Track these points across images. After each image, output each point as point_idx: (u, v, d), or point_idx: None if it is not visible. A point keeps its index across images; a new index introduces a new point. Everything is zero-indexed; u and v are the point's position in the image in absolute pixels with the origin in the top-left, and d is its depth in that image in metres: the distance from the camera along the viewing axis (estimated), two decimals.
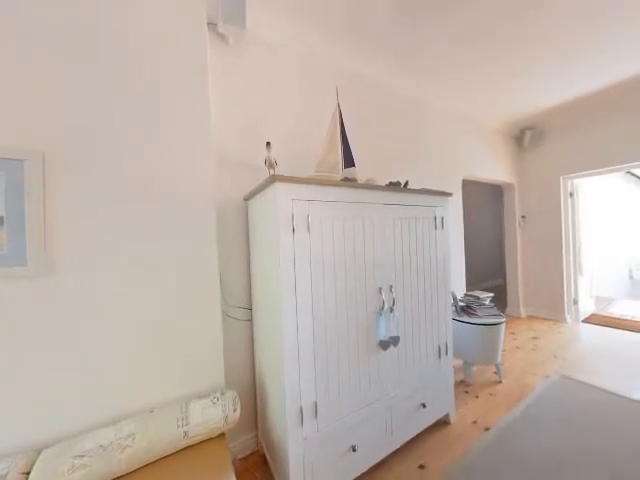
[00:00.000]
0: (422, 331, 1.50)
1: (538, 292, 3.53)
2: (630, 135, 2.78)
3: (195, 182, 1.17)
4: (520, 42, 1.89)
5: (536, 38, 1.86)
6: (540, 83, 2.46)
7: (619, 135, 2.85)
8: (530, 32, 1.80)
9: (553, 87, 2.55)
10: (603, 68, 2.28)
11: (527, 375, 2.16)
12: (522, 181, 3.63)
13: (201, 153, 1.19)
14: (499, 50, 1.96)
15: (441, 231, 1.60)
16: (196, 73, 1.19)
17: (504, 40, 1.86)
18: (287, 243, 1.03)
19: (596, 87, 2.57)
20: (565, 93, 2.67)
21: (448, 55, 1.99)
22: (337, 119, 1.43)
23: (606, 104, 2.82)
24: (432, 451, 1.45)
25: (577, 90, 2.62)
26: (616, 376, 2.08)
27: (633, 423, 1.56)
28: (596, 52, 2.05)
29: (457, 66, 2.13)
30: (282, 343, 1.03)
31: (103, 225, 1.00)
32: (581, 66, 2.22)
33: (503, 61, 2.09)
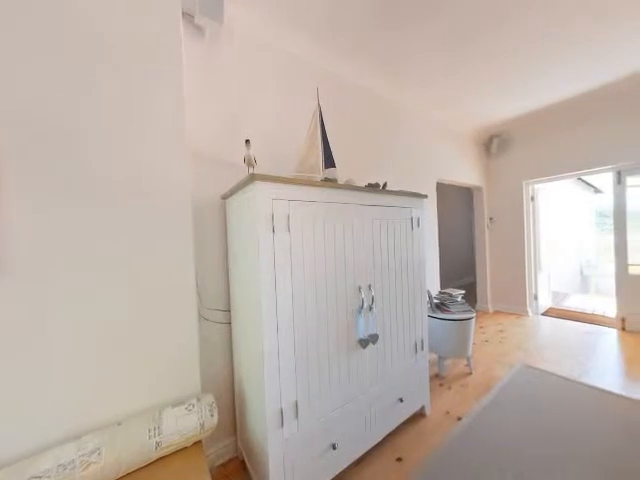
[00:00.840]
0: (400, 328, 1.56)
1: (504, 289, 3.80)
2: (580, 145, 3.08)
3: (169, 179, 1.11)
4: (491, 55, 2.02)
5: (506, 52, 1.99)
6: (507, 94, 2.65)
7: (571, 145, 3.15)
8: (501, 46, 1.93)
9: (518, 98, 2.76)
10: (559, 85, 2.50)
11: (494, 366, 2.31)
12: (490, 185, 3.89)
13: (175, 149, 1.13)
14: (471, 61, 2.08)
15: (417, 231, 1.66)
16: (170, 64, 1.13)
17: (476, 52, 1.98)
18: (267, 243, 1.02)
19: (553, 101, 2.82)
20: (528, 105, 2.90)
21: (424, 62, 2.08)
22: (317, 119, 1.44)
23: (561, 117, 3.11)
24: (409, 443, 1.50)
25: (538, 102, 2.86)
26: (569, 363, 2.30)
27: (583, 404, 1.73)
28: (554, 70, 2.25)
29: (432, 73, 2.23)
30: (262, 344, 1.02)
31: (65, 225, 0.92)
32: (543, 80, 2.43)
33: (475, 71, 2.23)
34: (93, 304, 0.96)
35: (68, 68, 0.93)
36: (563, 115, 3.08)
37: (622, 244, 3.00)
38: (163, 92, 1.11)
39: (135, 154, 1.05)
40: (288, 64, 1.83)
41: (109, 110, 1.00)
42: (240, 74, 1.61)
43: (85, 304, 0.95)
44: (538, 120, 3.24)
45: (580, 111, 2.97)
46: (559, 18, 1.69)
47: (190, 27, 1.42)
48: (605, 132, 2.90)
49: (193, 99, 1.42)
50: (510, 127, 3.47)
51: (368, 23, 1.67)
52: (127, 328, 1.01)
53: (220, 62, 1.54)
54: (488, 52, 1.98)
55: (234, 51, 1.59)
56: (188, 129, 1.32)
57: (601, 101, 2.81)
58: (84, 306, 0.94)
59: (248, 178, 1.03)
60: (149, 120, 1.08)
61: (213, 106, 1.50)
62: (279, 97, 1.77)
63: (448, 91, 2.52)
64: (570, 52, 2.03)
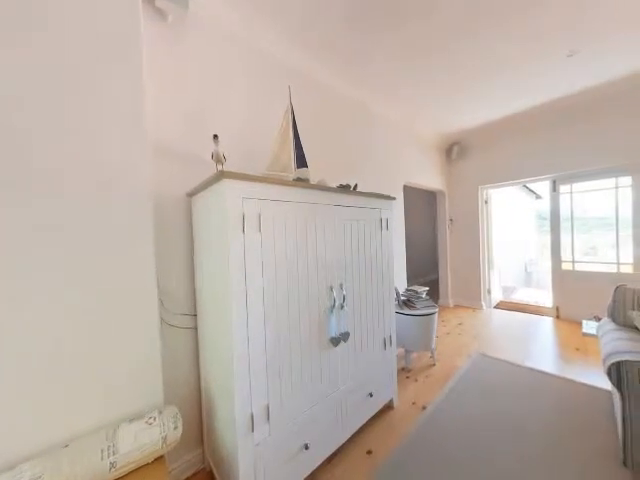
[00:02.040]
0: (369, 325, 1.61)
1: (462, 284, 4.13)
2: (525, 156, 3.47)
3: (125, 173, 1.02)
4: (451, 68, 2.18)
5: (465, 67, 2.17)
6: (465, 105, 2.89)
7: (519, 155, 3.53)
8: (460, 62, 2.09)
9: (475, 110, 3.02)
10: (509, 101, 2.79)
11: (455, 356, 2.50)
12: (450, 189, 4.20)
13: (133, 140, 1.04)
14: (434, 72, 2.23)
15: (386, 232, 1.73)
16: (126, 46, 1.04)
17: (439, 64, 2.12)
18: (237, 243, 0.98)
19: (504, 114, 3.14)
20: (483, 116, 3.19)
21: (391, 69, 2.18)
22: (289, 119, 1.42)
23: (510, 129, 3.47)
24: (378, 436, 1.56)
25: (492, 115, 3.16)
26: (516, 349, 2.58)
27: (526, 385, 1.96)
28: (505, 87, 2.50)
29: (398, 80, 2.34)
30: (231, 348, 0.98)
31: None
32: (496, 95, 2.69)
33: (437, 82, 2.38)
34: (30, 312, 0.84)
35: (5, 48, 0.81)
36: (512, 128, 3.44)
37: (557, 243, 3.44)
38: (118, 76, 1.01)
39: (85, 144, 0.94)
40: (259, 60, 1.78)
41: (53, 95, 0.89)
42: (209, 66, 1.54)
43: (20, 312, 0.83)
44: (492, 131, 3.58)
45: (526, 125, 3.35)
46: (507, 42, 1.89)
47: (150, 9, 1.31)
48: (544, 145, 3.30)
49: (155, 88, 1.32)
50: (468, 136, 3.78)
51: (340, 26, 1.70)
52: (75, 338, 0.91)
53: (186, 50, 1.45)
54: (449, 65, 2.14)
55: (202, 41, 1.51)
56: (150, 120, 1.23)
57: (540, 118, 3.19)
58: (18, 315, 0.82)
59: (216, 175, 0.98)
60: (102, 107, 0.98)
61: (178, 97, 1.41)
62: (250, 93, 1.72)
63: (413, 98, 2.66)
64: (516, 72, 2.28)
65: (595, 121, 2.93)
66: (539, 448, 1.40)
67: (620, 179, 3.01)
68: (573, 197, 3.34)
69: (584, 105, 2.91)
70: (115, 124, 1.00)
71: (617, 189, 3.06)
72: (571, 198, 3.35)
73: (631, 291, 1.68)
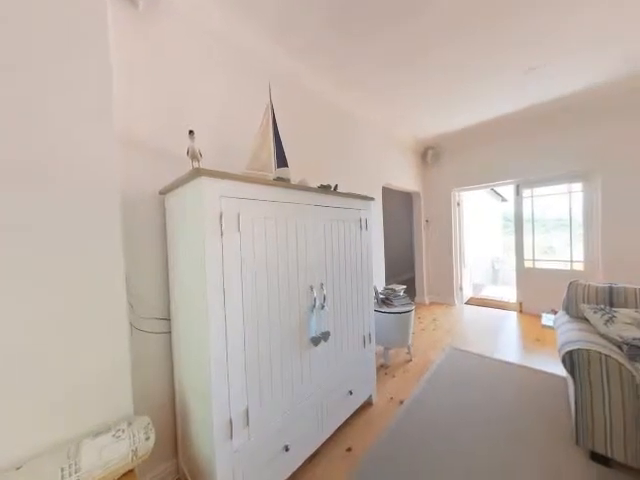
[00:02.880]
0: (349, 324, 1.63)
1: (437, 282, 4.33)
2: (493, 161, 3.71)
3: (91, 169, 0.94)
4: (429, 75, 2.27)
5: (440, 75, 2.27)
6: (440, 112, 3.03)
7: (487, 161, 3.77)
8: (436, 69, 2.18)
9: (449, 117, 3.17)
10: (478, 110, 2.97)
11: (430, 351, 2.62)
12: (426, 191, 4.39)
13: (99, 134, 0.96)
14: (412, 79, 2.31)
15: (365, 232, 1.77)
16: (91, 29, 0.96)
17: (416, 72, 2.20)
18: (214, 244, 0.95)
19: (475, 122, 3.34)
20: (456, 123, 3.37)
21: (371, 74, 2.22)
22: (270, 117, 1.40)
23: (480, 137, 3.69)
24: (358, 433, 1.59)
25: (464, 122, 3.34)
26: (484, 342, 2.76)
27: (494, 375, 2.10)
28: (479, 95, 2.66)
29: (378, 85, 2.40)
30: (208, 352, 0.94)
31: None
32: (467, 105, 2.85)
33: (415, 89, 2.48)
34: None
35: None
36: (482, 135, 3.66)
37: (520, 243, 3.72)
38: (82, 64, 0.94)
39: (46, 137, 0.85)
40: (240, 56, 1.74)
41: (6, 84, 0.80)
42: (186, 59, 1.47)
43: None
44: (463, 137, 3.78)
45: (493, 133, 3.58)
46: (476, 54, 2.01)
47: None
48: (509, 152, 3.56)
49: (125, 78, 1.23)
50: (442, 141, 3.97)
51: (321, 28, 1.70)
52: (32, 347, 0.82)
53: (161, 42, 1.37)
54: (426, 73, 2.23)
55: (178, 32, 1.44)
56: (119, 112, 1.15)
57: (506, 127, 3.43)
58: None
59: (192, 172, 0.94)
60: (65, 98, 0.90)
61: (152, 89, 1.33)
62: (229, 89, 1.67)
63: (392, 102, 2.74)
64: (484, 84, 2.44)
65: (551, 131, 3.21)
66: (505, 433, 1.51)
67: (572, 185, 3.33)
68: (534, 200, 3.64)
69: (542, 116, 3.18)
70: (80, 116, 0.92)
71: (570, 194, 3.38)
72: (532, 201, 3.65)
73: (582, 286, 1.87)
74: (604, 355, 1.26)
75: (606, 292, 1.75)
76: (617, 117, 2.83)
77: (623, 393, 1.20)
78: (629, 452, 1.19)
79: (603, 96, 2.77)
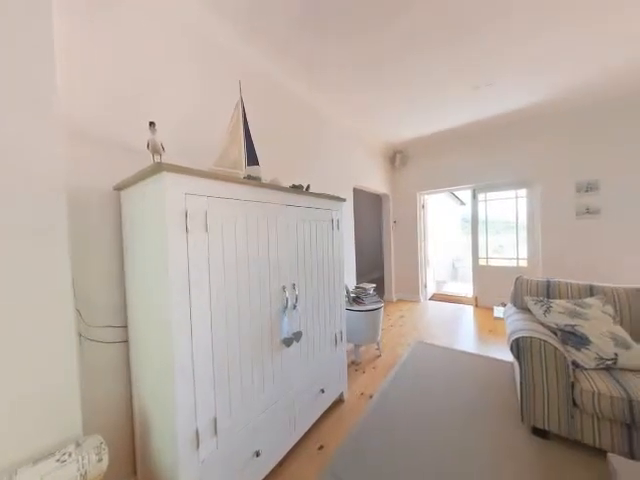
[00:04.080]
0: (321, 323, 1.64)
1: (404, 280, 4.56)
2: (453, 167, 4.02)
3: (32, 162, 0.83)
4: (397, 83, 2.38)
5: (407, 84, 2.39)
6: (407, 119, 3.19)
7: (448, 167, 4.06)
8: (403, 78, 2.30)
9: (414, 124, 3.36)
10: (442, 118, 3.19)
11: (397, 346, 2.75)
12: (394, 193, 4.60)
13: (41, 123, 0.85)
14: (384, 84, 2.40)
15: (337, 232, 1.80)
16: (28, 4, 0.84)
17: (388, 77, 2.29)
18: (178, 244, 0.89)
19: (438, 130, 3.58)
20: (421, 130, 3.58)
21: (343, 76, 2.27)
22: (240, 113, 1.36)
23: (442, 144, 3.97)
24: (329, 430, 1.61)
25: (428, 130, 3.56)
26: (447, 335, 2.97)
27: (455, 365, 2.27)
28: (440, 105, 2.85)
29: (350, 88, 2.45)
30: (172, 359, 0.88)
31: None
32: (431, 114, 3.04)
33: (386, 94, 2.58)
34: None
35: None
36: (444, 142, 3.94)
37: (475, 243, 4.08)
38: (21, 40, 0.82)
39: None
40: (209, 49, 1.65)
41: None
42: (149, 46, 1.36)
43: None
44: (428, 144, 4.04)
45: (453, 142, 3.87)
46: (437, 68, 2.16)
47: None
48: (467, 159, 3.88)
49: (75, 61, 1.10)
50: (409, 146, 4.19)
51: (292, 29, 1.69)
52: None
53: (119, 23, 1.25)
54: (394, 81, 2.34)
55: (141, 15, 1.32)
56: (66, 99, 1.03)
57: (464, 136, 3.74)
58: None
59: (153, 167, 0.88)
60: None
61: (106, 75, 1.21)
62: (196, 82, 1.58)
63: (361, 107, 2.83)
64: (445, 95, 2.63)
65: (501, 142, 3.57)
66: (463, 416, 1.65)
67: (518, 191, 3.74)
68: (487, 204, 4.01)
69: (493, 128, 3.52)
70: (11, 104, 0.80)
71: (516, 199, 3.79)
72: (486, 205, 4.02)
73: (526, 281, 2.11)
74: (542, 341, 1.43)
75: (544, 286, 1.99)
76: (550, 133, 3.25)
77: (557, 372, 1.38)
78: (562, 424, 1.37)
79: (539, 114, 3.16)
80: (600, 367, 1.41)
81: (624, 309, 1.66)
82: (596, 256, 3.05)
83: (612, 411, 1.22)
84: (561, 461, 1.31)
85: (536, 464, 1.30)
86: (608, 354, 1.41)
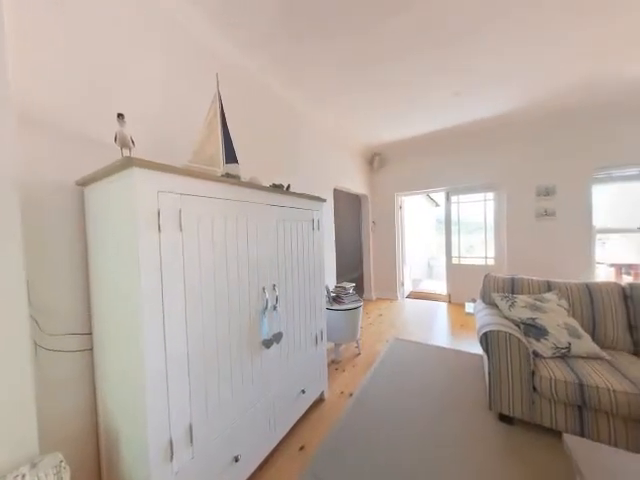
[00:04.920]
0: (302, 323, 1.64)
1: (382, 279, 4.68)
2: (429, 171, 4.20)
3: None
4: (377, 87, 2.43)
5: (386, 87, 2.45)
6: (385, 122, 3.28)
7: (424, 170, 4.24)
8: (382, 82, 2.35)
9: (393, 127, 3.46)
10: (417, 125, 3.32)
11: (376, 343, 2.81)
12: (373, 194, 4.70)
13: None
14: (364, 87, 2.44)
15: (317, 232, 1.80)
16: None
17: (366, 82, 2.33)
18: (150, 244, 0.84)
19: (415, 134, 3.72)
20: (399, 134, 3.69)
21: (323, 78, 2.28)
22: (217, 108, 1.32)
23: (419, 148, 4.13)
24: (310, 430, 1.61)
25: (405, 134, 3.69)
26: (422, 331, 3.10)
27: (430, 359, 2.38)
28: (417, 111, 2.96)
29: (329, 90, 2.47)
30: (143, 366, 0.83)
31: None
32: (408, 119, 3.15)
33: (366, 97, 2.62)
34: None
35: None
36: (420, 146, 4.10)
37: (449, 243, 4.30)
38: None
39: None
40: (185, 41, 1.58)
41: None
42: (117, 32, 1.27)
43: None
44: (405, 147, 4.17)
45: (429, 146, 4.04)
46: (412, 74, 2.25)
47: None
48: (441, 163, 4.07)
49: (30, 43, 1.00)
50: (387, 148, 4.31)
51: (271, 23, 1.67)
52: None
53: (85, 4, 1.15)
54: (374, 86, 2.39)
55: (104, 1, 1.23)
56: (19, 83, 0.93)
57: (439, 140, 3.92)
58: None
59: (123, 162, 0.82)
60: None
61: (70, 60, 1.11)
62: (169, 74, 1.51)
63: (343, 108, 2.86)
64: (422, 101, 2.74)
65: (473, 148, 3.79)
66: (438, 407, 1.73)
67: (487, 194, 3.99)
68: (460, 206, 4.24)
69: (466, 134, 3.73)
70: None
71: (485, 202, 4.05)
72: (458, 207, 4.25)
73: (494, 278, 2.25)
74: (508, 334, 1.54)
75: (509, 282, 2.15)
76: (515, 141, 3.52)
77: (520, 362, 1.50)
78: (524, 410, 1.49)
79: (506, 123, 3.40)
80: (556, 355, 1.55)
81: (576, 302, 1.84)
82: (552, 254, 3.35)
83: (566, 395, 1.35)
84: (525, 444, 1.42)
85: (502, 448, 1.40)
86: (563, 343, 1.55)
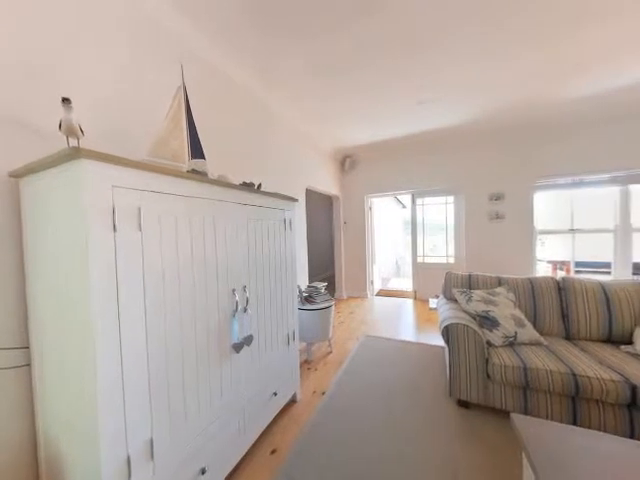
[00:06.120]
0: (273, 325, 1.61)
1: (353, 278, 4.80)
2: (396, 174, 4.40)
3: None
4: (349, 90, 2.48)
5: (356, 92, 2.51)
6: (356, 126, 3.36)
7: (391, 173, 4.44)
8: (352, 87, 2.41)
9: (363, 131, 3.56)
10: (387, 128, 3.46)
11: (348, 341, 2.87)
12: (344, 195, 4.80)
13: None
14: (334, 89, 2.47)
15: (289, 232, 1.79)
16: None
17: (339, 83, 2.37)
18: (103, 245, 0.76)
19: (383, 139, 3.86)
20: (368, 138, 3.80)
21: (295, 78, 2.26)
22: (182, 100, 1.24)
23: (386, 152, 4.31)
24: (282, 432, 1.59)
25: (374, 138, 3.81)
26: (391, 327, 3.24)
27: (398, 353, 2.49)
28: (386, 116, 3.08)
29: (301, 90, 2.46)
30: (94, 380, 0.75)
31: None
32: (377, 124, 3.26)
33: (338, 99, 2.66)
34: None
35: None
36: (388, 150, 4.28)
37: (414, 243, 4.55)
38: None
39: None
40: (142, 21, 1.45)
41: None
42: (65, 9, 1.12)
43: None
44: (375, 150, 4.32)
45: (397, 149, 4.23)
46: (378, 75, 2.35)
47: None
48: (407, 167, 4.30)
49: None
50: (358, 151, 4.43)
51: (242, 19, 1.62)
52: None
53: None
54: (346, 89, 2.44)
55: None
56: None
57: (406, 145, 4.13)
58: None
59: (69, 152, 0.73)
60: None
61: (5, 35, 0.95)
62: (128, 58, 1.38)
63: (314, 110, 2.87)
64: (388, 108, 2.86)
65: (436, 153, 4.07)
66: (404, 398, 1.82)
67: (448, 197, 4.31)
68: (424, 208, 4.52)
69: (429, 141, 3.97)
70: None
71: (447, 204, 4.36)
72: (423, 209, 4.52)
73: (454, 275, 2.44)
74: (465, 326, 1.68)
75: (467, 279, 2.34)
76: (471, 149, 3.85)
77: (476, 352, 1.64)
78: (479, 394, 1.63)
79: (466, 132, 3.69)
80: (506, 344, 1.72)
81: (521, 295, 2.07)
82: (502, 252, 3.74)
83: (513, 378, 1.51)
84: (480, 425, 1.57)
85: (461, 431, 1.53)
86: (511, 332, 1.74)
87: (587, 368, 1.42)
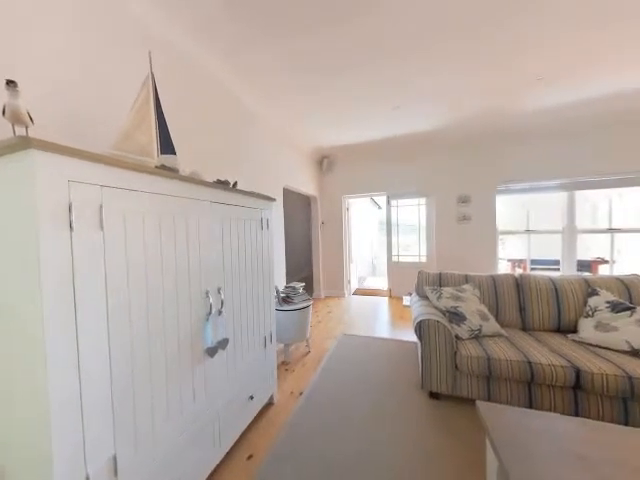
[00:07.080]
0: (250, 327, 1.58)
1: (331, 277, 4.85)
2: (372, 176, 4.52)
3: None
4: (327, 92, 2.49)
5: (334, 94, 2.53)
6: (335, 127, 3.39)
7: (368, 174, 4.55)
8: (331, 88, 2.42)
9: (341, 132, 3.60)
10: (363, 131, 3.53)
11: (326, 340, 2.89)
12: (322, 195, 4.83)
13: None
14: (312, 91, 2.47)
15: (266, 232, 1.76)
16: None
17: (318, 85, 2.37)
18: (57, 246, 0.69)
19: (360, 141, 3.94)
20: (346, 139, 3.85)
21: (273, 76, 2.23)
22: (151, 91, 1.16)
23: (364, 154, 4.40)
24: (259, 436, 1.55)
25: (352, 139, 3.87)
26: (367, 325, 3.32)
27: (374, 350, 2.56)
28: (363, 119, 3.15)
29: (279, 89, 2.43)
30: (46, 396, 0.67)
31: None
32: (356, 125, 3.32)
33: (314, 101, 2.66)
34: None
35: None
36: (365, 152, 4.37)
37: (389, 242, 4.71)
38: None
39: None
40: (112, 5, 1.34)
41: None
42: None
43: None
44: (352, 152, 4.40)
45: (373, 152, 4.34)
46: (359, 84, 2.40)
47: None
48: (381, 169, 4.44)
49: None
50: (335, 152, 4.47)
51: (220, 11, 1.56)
52: None
53: None
54: (324, 88, 2.44)
55: None
56: None
57: (382, 148, 4.26)
58: None
59: (17, 142, 0.65)
60: None
61: None
62: (90, 41, 1.26)
63: (292, 110, 2.85)
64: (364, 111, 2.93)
65: (409, 157, 4.25)
66: (379, 392, 1.88)
67: (420, 199, 4.52)
68: (399, 209, 4.69)
69: (403, 145, 4.13)
70: None
71: (419, 206, 4.57)
72: (397, 210, 4.69)
73: (426, 274, 2.56)
74: (437, 322, 1.77)
75: (437, 277, 2.47)
76: (442, 154, 4.08)
77: (446, 345, 1.74)
78: (449, 385, 1.73)
79: (437, 137, 3.89)
80: (472, 337, 1.85)
81: (485, 291, 2.23)
82: (469, 252, 4.01)
83: (478, 368, 1.62)
84: (449, 414, 1.66)
85: (432, 421, 1.61)
86: (476, 326, 1.87)
87: (540, 356, 1.57)
